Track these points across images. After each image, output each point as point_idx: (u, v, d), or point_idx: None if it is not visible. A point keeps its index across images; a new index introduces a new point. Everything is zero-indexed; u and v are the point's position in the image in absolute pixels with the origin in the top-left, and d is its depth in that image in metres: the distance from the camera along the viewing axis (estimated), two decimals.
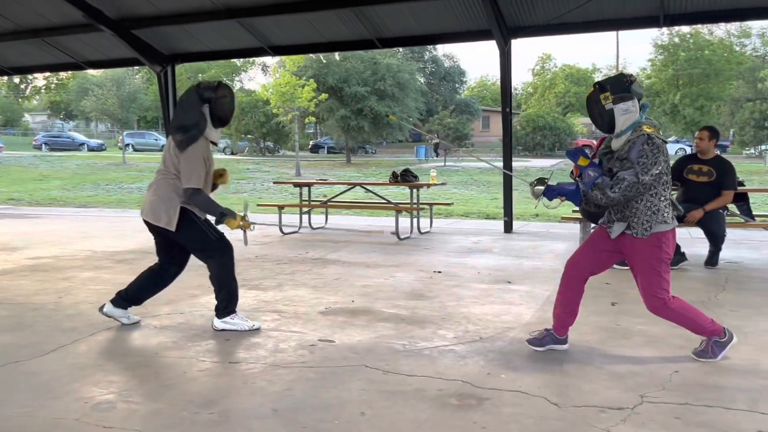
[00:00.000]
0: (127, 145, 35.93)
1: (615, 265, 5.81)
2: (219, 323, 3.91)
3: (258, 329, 3.93)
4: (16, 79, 55.08)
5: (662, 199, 3.23)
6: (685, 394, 2.85)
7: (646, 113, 3.27)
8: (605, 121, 3.23)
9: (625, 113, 3.19)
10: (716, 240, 5.92)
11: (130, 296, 4.02)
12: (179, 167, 3.73)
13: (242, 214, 3.92)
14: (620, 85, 3.20)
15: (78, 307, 4.48)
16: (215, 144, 4.01)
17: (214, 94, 3.79)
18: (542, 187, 3.41)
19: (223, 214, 3.81)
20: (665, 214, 3.22)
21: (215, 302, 3.95)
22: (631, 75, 3.29)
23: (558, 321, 3.53)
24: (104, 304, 4.02)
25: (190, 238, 3.87)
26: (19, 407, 2.76)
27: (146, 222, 3.90)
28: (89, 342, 3.70)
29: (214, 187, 4.06)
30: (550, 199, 3.42)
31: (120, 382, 3.05)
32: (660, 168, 3.15)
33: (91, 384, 3.04)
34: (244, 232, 3.95)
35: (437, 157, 33.50)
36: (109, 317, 3.99)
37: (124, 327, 4.01)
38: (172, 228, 3.77)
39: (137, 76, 46.50)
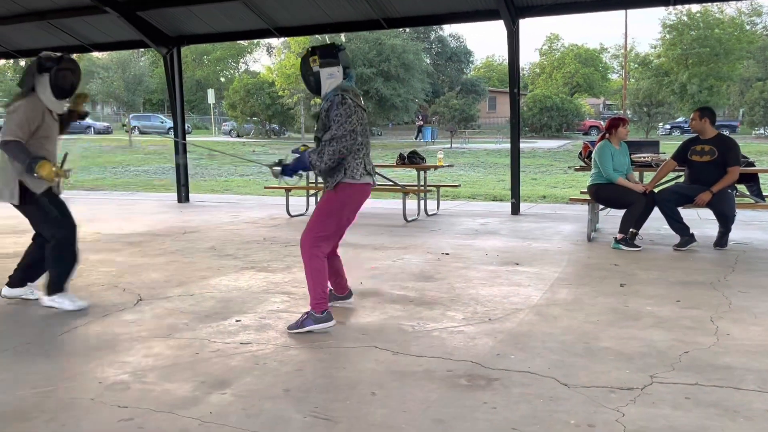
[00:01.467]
0: (134, 127, 35.96)
1: (622, 246, 5.84)
2: (47, 300, 4.01)
3: (85, 309, 3.99)
4: (22, 62, 55.03)
5: (354, 157, 3.51)
6: (695, 375, 2.87)
7: (351, 81, 3.57)
8: (313, 83, 3.56)
9: (330, 77, 3.50)
10: (726, 221, 5.90)
11: (25, 275, 4.16)
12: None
13: (59, 164, 3.93)
14: (328, 52, 3.51)
15: (89, 289, 4.52)
16: (58, 114, 4.07)
17: (55, 65, 3.90)
18: (279, 168, 3.68)
19: (33, 161, 3.77)
20: (352, 170, 3.52)
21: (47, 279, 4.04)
22: (341, 44, 3.63)
23: (333, 285, 3.95)
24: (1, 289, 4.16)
25: (32, 212, 3.97)
26: (35, 388, 2.80)
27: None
28: (102, 323, 3.74)
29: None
30: (291, 176, 3.71)
31: (133, 363, 3.09)
32: (351, 125, 3.41)
33: (105, 365, 3.07)
34: (59, 178, 3.96)
35: (421, 139, 33.85)
36: (12, 298, 4.14)
37: (135, 309, 4.04)
38: (16, 201, 3.87)
39: (143, 59, 46.40)
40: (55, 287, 4.00)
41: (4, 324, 3.77)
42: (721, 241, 5.93)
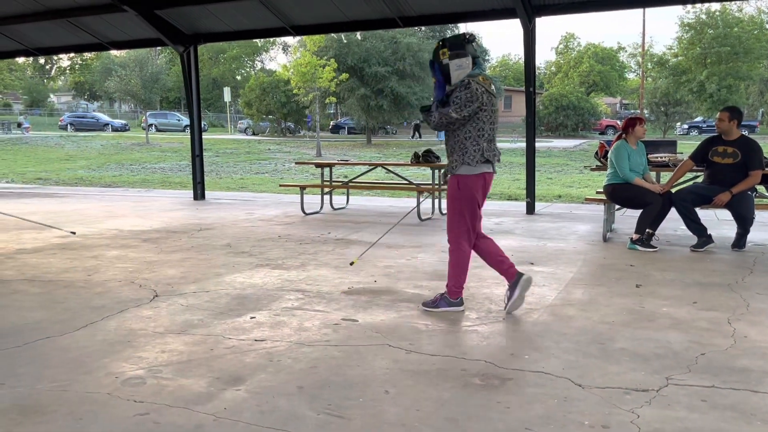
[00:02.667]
0: (151, 125, 36.24)
1: (638, 246, 5.80)
2: None
3: None
4: (42, 60, 55.73)
5: (473, 142, 3.64)
6: (711, 377, 2.84)
7: (481, 68, 3.67)
8: (444, 75, 3.63)
9: (459, 69, 3.59)
10: (745, 222, 5.83)
11: None
12: None
13: None
14: (457, 43, 3.60)
15: (106, 285, 4.57)
16: None
17: None
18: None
19: None
20: (472, 157, 3.63)
21: None
22: (472, 35, 3.68)
23: (501, 272, 3.96)
24: None
25: None
26: (52, 382, 2.83)
27: None
28: (118, 319, 3.78)
29: None
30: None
31: (149, 358, 3.12)
32: (468, 110, 3.56)
33: (121, 360, 3.11)
34: None
35: (419, 138, 34.82)
36: None
37: (151, 305, 4.08)
38: None
39: (160, 57, 46.75)
40: None
41: (23, 319, 3.82)
42: (740, 242, 5.87)
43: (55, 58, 55.24)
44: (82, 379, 2.87)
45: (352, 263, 4.24)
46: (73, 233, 5.80)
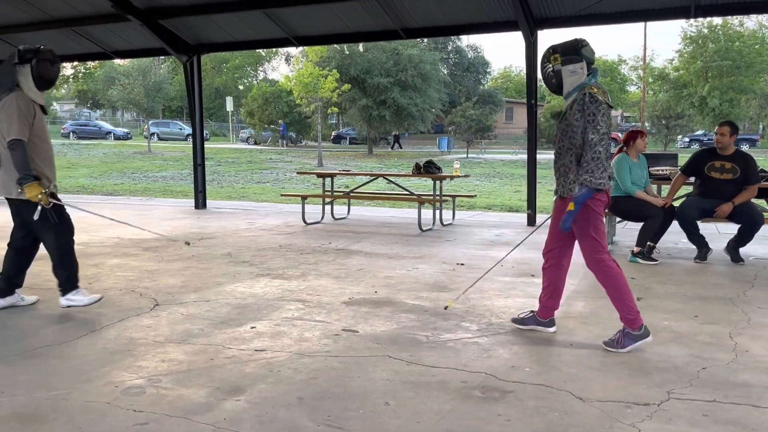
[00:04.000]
0: (153, 134, 36.33)
1: (639, 259, 5.80)
2: (64, 301, 4.08)
3: (99, 300, 4.12)
4: None
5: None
6: (713, 391, 2.83)
7: (597, 78, 3.40)
8: (554, 82, 3.40)
9: (572, 74, 3.34)
10: (755, 227, 5.77)
11: (10, 283, 4.15)
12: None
13: (46, 190, 3.89)
14: (570, 48, 3.35)
15: (107, 293, 4.57)
16: (41, 106, 4.05)
17: (35, 55, 3.90)
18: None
19: (28, 177, 3.78)
20: (600, 177, 3.29)
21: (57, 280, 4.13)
22: (584, 40, 3.42)
23: (540, 305, 3.74)
24: None
25: (31, 213, 3.92)
26: (53, 390, 2.83)
27: (7, 199, 3.97)
28: (118, 327, 3.78)
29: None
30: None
31: (149, 368, 3.11)
32: (605, 128, 3.26)
33: (121, 369, 3.10)
34: (41, 205, 3.89)
35: (398, 148, 35.72)
36: (3, 308, 4.13)
37: (151, 314, 4.08)
38: (24, 197, 3.83)
39: (163, 66, 46.96)
40: (70, 286, 4.07)
41: (22, 327, 3.82)
42: (734, 253, 5.87)
43: None
44: (82, 387, 2.86)
45: (446, 307, 4.08)
46: (188, 244, 5.77)
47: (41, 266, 5.57)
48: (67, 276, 4.11)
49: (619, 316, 3.45)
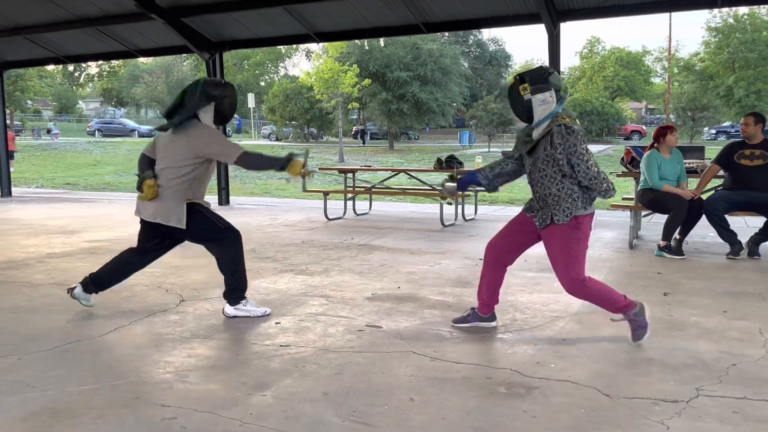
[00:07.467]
0: None
1: (665, 254, 5.72)
2: (231, 310, 3.93)
3: (268, 315, 3.97)
4: (71, 67, 56.84)
5: (580, 185, 3.33)
6: (743, 388, 2.78)
7: (563, 105, 3.35)
8: (524, 112, 3.35)
9: (543, 104, 3.29)
10: None
11: (98, 281, 4.06)
12: (203, 153, 3.73)
13: (303, 160, 3.83)
14: (539, 77, 3.31)
15: (134, 290, 4.63)
16: None
17: (221, 92, 3.82)
18: (454, 184, 3.73)
19: (287, 161, 3.76)
20: (584, 200, 3.34)
21: (225, 289, 3.97)
22: (549, 67, 3.41)
23: (481, 302, 3.69)
24: (75, 286, 4.07)
25: (202, 230, 3.89)
26: (82, 385, 2.88)
27: (149, 223, 3.92)
28: (145, 323, 3.83)
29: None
30: (463, 191, 3.67)
31: (176, 363, 3.15)
32: (586, 151, 3.27)
33: (149, 364, 3.14)
34: (304, 178, 3.88)
35: (363, 144, 35.86)
36: (75, 299, 4.05)
37: (177, 310, 4.12)
38: (183, 226, 3.79)
39: (185, 64, 47.39)
40: (239, 296, 3.95)
41: (53, 323, 3.89)
42: (753, 247, 5.77)
43: (83, 65, 56.28)
44: (111, 382, 2.90)
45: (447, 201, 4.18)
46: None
47: (70, 263, 5.67)
48: (239, 283, 3.96)
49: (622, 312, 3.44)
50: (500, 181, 3.67)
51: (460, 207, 8.46)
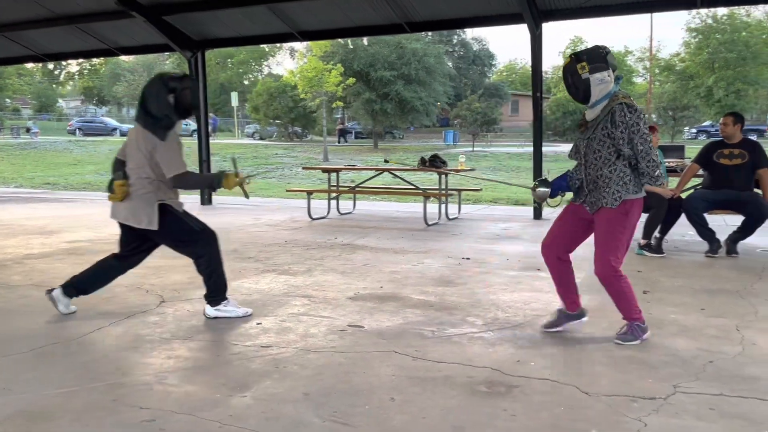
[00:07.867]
0: None
1: (645, 252, 5.79)
2: (212, 311, 3.89)
3: (250, 315, 3.94)
4: (51, 65, 56.15)
5: (633, 168, 3.30)
6: (719, 385, 2.81)
7: (620, 84, 3.34)
8: (581, 91, 3.29)
9: (601, 83, 3.25)
10: (759, 222, 5.79)
11: (80, 286, 3.99)
12: (155, 159, 3.69)
13: (233, 171, 3.86)
14: (596, 55, 3.25)
15: (113, 290, 4.58)
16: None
17: (179, 84, 3.76)
18: (547, 189, 3.58)
19: (219, 179, 3.81)
20: (635, 184, 3.31)
21: (205, 291, 3.93)
22: (606, 47, 3.34)
23: (563, 299, 3.66)
24: (53, 288, 3.98)
25: (175, 231, 3.83)
26: (59, 387, 2.84)
27: (125, 225, 3.88)
28: (125, 324, 3.79)
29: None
30: (554, 197, 3.62)
31: (155, 364, 3.12)
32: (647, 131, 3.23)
33: (128, 365, 3.11)
34: (242, 186, 3.90)
35: (345, 142, 36.10)
36: (53, 302, 3.94)
37: (158, 311, 4.09)
38: (154, 227, 3.75)
39: (167, 62, 47.01)
40: (219, 297, 3.91)
41: (31, 324, 3.83)
42: (731, 245, 5.85)
43: (63, 63, 55.63)
44: (89, 385, 2.87)
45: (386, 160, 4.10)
46: (467, 259, 5.68)
47: (48, 263, 5.60)
48: (216, 284, 3.92)
49: (622, 315, 3.46)
50: None
51: (443, 206, 8.48)
